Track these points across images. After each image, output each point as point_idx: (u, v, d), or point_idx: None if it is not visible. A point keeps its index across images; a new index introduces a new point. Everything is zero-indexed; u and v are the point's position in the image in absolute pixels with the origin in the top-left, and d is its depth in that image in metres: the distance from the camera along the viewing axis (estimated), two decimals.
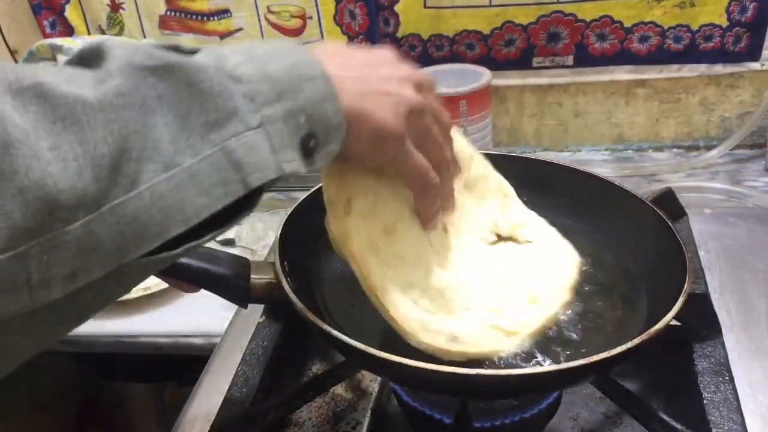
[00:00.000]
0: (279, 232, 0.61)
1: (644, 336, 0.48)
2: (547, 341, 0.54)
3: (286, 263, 0.58)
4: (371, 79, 0.47)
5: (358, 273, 0.51)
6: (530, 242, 0.64)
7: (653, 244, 0.63)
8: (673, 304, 0.51)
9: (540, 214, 0.67)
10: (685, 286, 0.52)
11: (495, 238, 0.63)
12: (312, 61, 0.42)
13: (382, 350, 0.48)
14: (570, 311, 0.57)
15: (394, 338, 0.52)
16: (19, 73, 0.32)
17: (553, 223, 0.67)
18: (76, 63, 0.37)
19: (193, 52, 0.40)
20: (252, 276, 0.57)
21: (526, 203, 0.67)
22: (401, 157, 0.49)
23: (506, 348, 0.53)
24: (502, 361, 0.52)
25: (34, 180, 0.30)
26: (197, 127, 0.36)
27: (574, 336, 0.55)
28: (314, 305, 0.59)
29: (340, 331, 0.50)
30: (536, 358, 0.53)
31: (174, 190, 0.35)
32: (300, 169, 0.41)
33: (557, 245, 0.65)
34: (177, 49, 0.39)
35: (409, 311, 0.51)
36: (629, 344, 0.48)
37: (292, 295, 0.53)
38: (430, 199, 0.54)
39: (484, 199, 0.65)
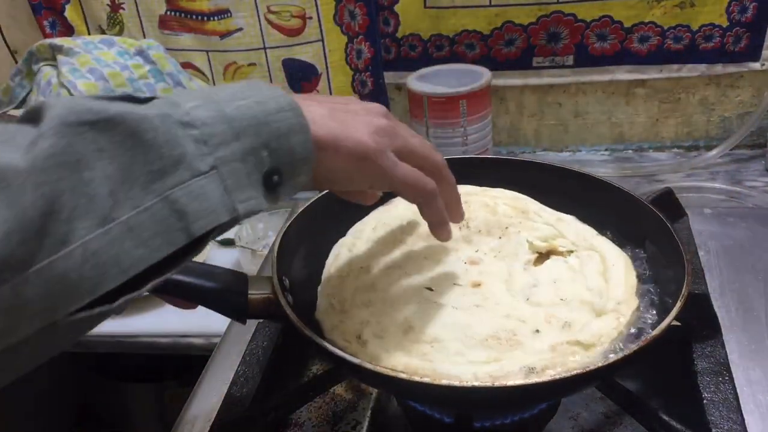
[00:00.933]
0: (276, 245, 0.60)
1: (642, 342, 0.49)
2: None
3: (284, 278, 0.58)
4: (340, 109, 0.48)
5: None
6: (572, 251, 0.63)
7: (653, 245, 0.63)
8: (673, 307, 0.51)
9: None
10: (683, 290, 0.52)
11: (535, 257, 0.63)
12: (282, 95, 0.43)
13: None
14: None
15: None
16: None
17: None
18: (22, 120, 0.38)
19: (147, 100, 0.40)
20: (249, 292, 0.56)
21: None
22: (388, 172, 0.49)
23: (591, 361, 0.51)
24: None
25: None
26: (140, 178, 0.36)
27: None
28: (313, 318, 0.59)
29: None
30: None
31: (109, 244, 0.35)
32: (260, 207, 0.41)
33: (599, 247, 0.64)
34: (129, 98, 0.39)
35: (462, 371, 0.51)
36: (632, 348, 0.48)
37: (289, 311, 0.53)
38: (432, 205, 0.53)
39: (505, 230, 0.65)
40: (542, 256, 0.63)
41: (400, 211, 0.68)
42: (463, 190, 0.64)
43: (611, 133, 1.22)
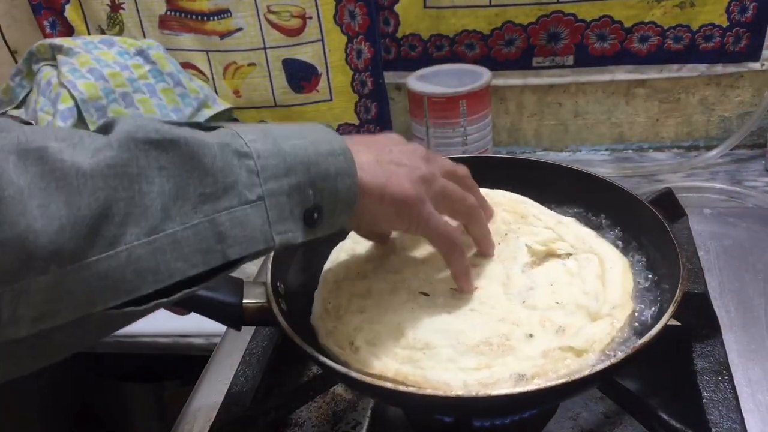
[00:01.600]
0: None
1: (640, 343, 0.49)
2: None
3: (279, 284, 0.58)
4: (386, 157, 0.51)
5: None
6: (571, 254, 0.63)
7: (652, 246, 0.63)
8: (668, 307, 0.51)
9: None
10: (677, 294, 0.52)
11: (533, 260, 0.63)
12: (338, 139, 0.46)
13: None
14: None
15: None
16: (30, 135, 0.36)
17: None
18: (97, 129, 0.41)
19: (211, 128, 0.43)
20: (244, 301, 0.57)
21: None
22: (424, 221, 0.52)
23: (580, 368, 0.52)
24: None
25: (17, 233, 0.33)
26: (192, 198, 0.40)
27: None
28: (308, 325, 0.59)
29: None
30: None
31: (152, 253, 0.38)
32: (296, 240, 0.44)
33: (598, 249, 0.63)
34: (195, 125, 0.43)
35: (452, 378, 0.51)
36: (628, 351, 0.48)
37: (281, 319, 0.54)
38: (458, 257, 0.57)
39: (504, 237, 0.65)
40: (541, 259, 0.63)
41: None
42: None
43: (611, 133, 1.22)
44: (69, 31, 1.25)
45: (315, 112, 1.26)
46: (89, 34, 1.25)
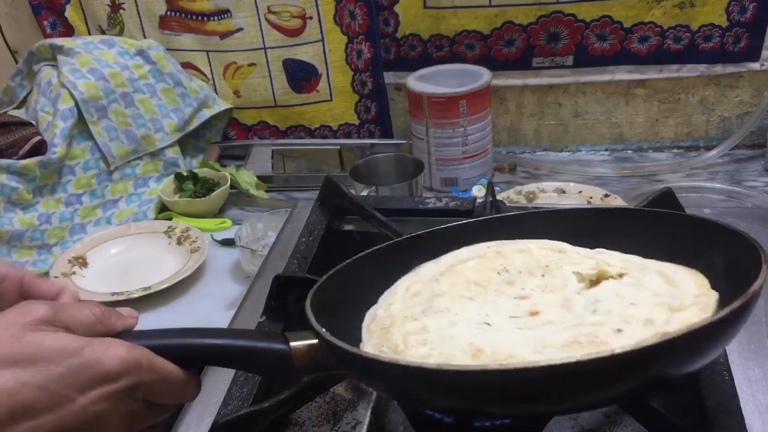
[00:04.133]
0: (308, 308, 0.53)
1: (750, 291, 0.44)
2: None
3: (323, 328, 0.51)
4: None
5: None
6: (623, 273, 0.57)
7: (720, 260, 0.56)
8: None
9: None
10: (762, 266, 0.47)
11: (586, 284, 0.56)
12: None
13: None
14: None
15: None
16: None
17: None
18: None
19: None
20: (292, 343, 0.51)
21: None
22: None
23: None
24: None
25: None
26: None
27: None
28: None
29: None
30: None
31: None
32: None
33: (653, 265, 0.58)
34: None
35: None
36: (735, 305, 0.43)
37: (337, 342, 0.48)
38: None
39: (546, 268, 0.59)
40: (593, 283, 0.57)
41: (428, 270, 0.63)
42: (494, 244, 0.62)
43: (611, 133, 1.22)
44: (69, 31, 1.25)
45: (315, 113, 1.26)
46: (89, 34, 1.25)
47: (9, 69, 1.23)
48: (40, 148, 1.06)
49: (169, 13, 1.20)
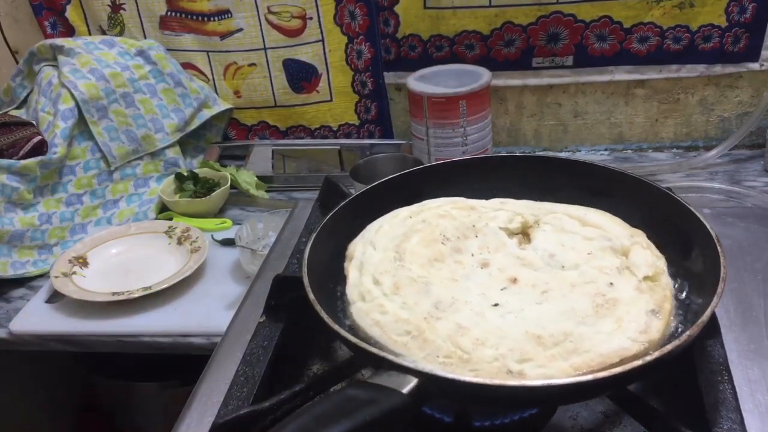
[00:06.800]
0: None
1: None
2: None
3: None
4: None
5: None
6: (538, 221, 0.65)
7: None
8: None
9: None
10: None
11: (518, 238, 0.64)
12: None
13: None
14: None
15: None
16: None
17: None
18: None
19: None
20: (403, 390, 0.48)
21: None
22: None
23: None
24: None
25: None
26: None
27: None
28: None
29: None
30: None
31: None
32: None
33: (554, 207, 0.66)
34: None
35: (622, 342, 0.52)
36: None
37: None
38: None
39: (472, 227, 0.64)
40: (522, 235, 0.64)
41: (380, 245, 0.64)
42: (408, 210, 0.65)
43: (610, 133, 1.22)
44: (70, 31, 1.25)
45: (315, 113, 1.26)
46: (90, 34, 1.25)
47: (9, 69, 1.23)
48: (40, 148, 1.07)
49: (169, 13, 1.21)
